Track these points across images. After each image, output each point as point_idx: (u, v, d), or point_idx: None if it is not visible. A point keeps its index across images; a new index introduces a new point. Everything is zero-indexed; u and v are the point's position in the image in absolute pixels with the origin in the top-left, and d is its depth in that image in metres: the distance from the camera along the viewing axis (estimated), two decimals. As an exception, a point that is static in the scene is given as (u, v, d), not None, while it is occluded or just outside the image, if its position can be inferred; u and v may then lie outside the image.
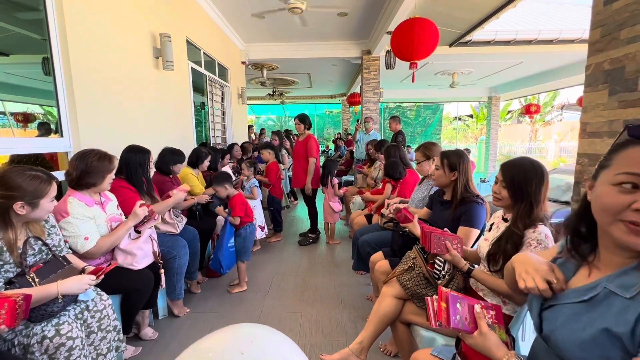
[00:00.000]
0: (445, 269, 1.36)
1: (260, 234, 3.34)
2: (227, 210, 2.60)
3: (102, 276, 1.39)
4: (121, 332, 1.57)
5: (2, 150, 1.76)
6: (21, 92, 2.31)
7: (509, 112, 16.66)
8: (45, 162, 2.15)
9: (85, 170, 1.63)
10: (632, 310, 0.61)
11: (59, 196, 1.63)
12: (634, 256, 0.66)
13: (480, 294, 1.34)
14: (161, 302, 2.19)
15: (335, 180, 3.70)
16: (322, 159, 7.91)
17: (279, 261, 3.30)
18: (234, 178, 3.18)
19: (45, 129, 2.29)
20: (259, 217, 3.37)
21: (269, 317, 2.27)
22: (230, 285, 2.67)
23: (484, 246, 1.35)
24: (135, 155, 2.09)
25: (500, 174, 1.28)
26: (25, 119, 2.36)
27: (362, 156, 5.50)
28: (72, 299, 1.35)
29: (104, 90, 2.24)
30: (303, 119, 3.68)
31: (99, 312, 1.44)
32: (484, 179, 7.02)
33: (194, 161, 3.04)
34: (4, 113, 2.29)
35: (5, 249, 1.22)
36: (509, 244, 1.20)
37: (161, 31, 2.88)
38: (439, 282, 1.36)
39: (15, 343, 1.22)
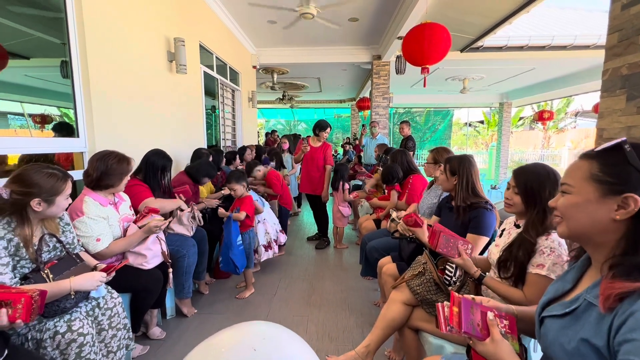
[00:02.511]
0: (457, 275, 1.34)
1: (266, 255, 2.91)
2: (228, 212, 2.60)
3: (113, 273, 1.42)
4: (131, 330, 1.59)
5: (20, 150, 1.82)
6: (40, 94, 2.38)
7: (520, 118, 16.40)
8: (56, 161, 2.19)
9: (105, 172, 1.67)
10: (606, 322, 0.60)
11: (73, 195, 1.67)
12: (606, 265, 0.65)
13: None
14: (169, 302, 2.21)
15: (347, 185, 3.70)
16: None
17: (286, 264, 3.30)
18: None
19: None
20: (272, 230, 3.02)
21: (276, 319, 2.25)
22: (238, 288, 2.68)
23: (494, 252, 1.32)
24: (159, 159, 2.17)
25: (512, 180, 1.26)
26: (42, 120, 2.43)
27: (370, 160, 5.49)
28: (84, 295, 1.38)
29: (119, 92, 2.29)
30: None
31: (109, 310, 1.47)
32: (494, 186, 6.88)
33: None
34: (22, 114, 2.35)
35: (21, 244, 1.26)
36: (520, 251, 1.17)
37: (175, 36, 2.94)
38: (450, 288, 1.34)
39: (29, 337, 1.24)
